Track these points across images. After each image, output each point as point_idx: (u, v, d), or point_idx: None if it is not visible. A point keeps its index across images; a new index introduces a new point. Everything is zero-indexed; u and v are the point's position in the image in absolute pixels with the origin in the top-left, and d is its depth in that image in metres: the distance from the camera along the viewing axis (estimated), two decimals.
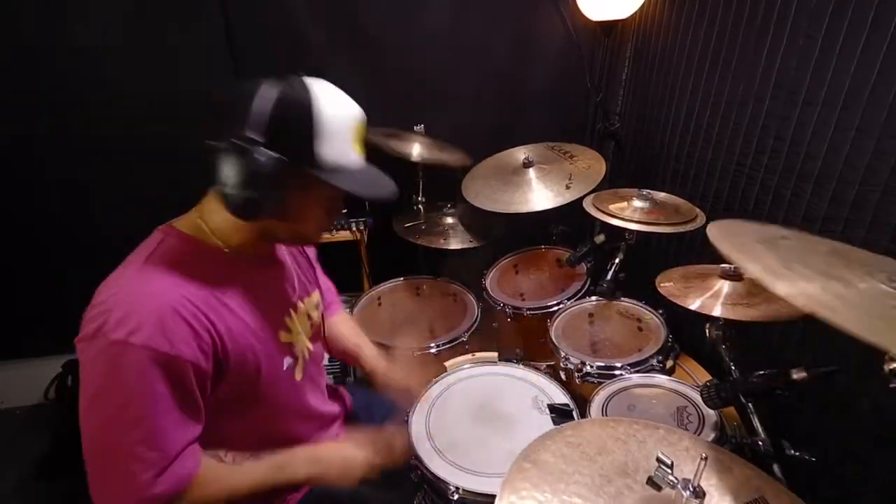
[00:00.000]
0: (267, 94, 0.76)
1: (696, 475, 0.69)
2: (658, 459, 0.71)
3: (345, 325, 1.28)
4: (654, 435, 0.85)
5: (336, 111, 0.80)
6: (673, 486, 0.69)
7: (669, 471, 0.70)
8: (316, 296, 1.09)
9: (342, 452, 0.97)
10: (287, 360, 0.94)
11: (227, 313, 0.82)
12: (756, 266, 0.66)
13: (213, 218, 0.86)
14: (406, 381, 1.21)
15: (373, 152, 0.92)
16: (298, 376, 0.98)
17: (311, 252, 1.16)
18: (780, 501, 0.75)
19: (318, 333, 1.09)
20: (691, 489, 0.69)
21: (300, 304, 1.01)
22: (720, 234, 0.78)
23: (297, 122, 0.77)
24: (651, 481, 0.71)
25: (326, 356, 1.20)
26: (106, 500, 0.74)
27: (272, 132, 0.75)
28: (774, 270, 0.65)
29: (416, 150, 1.84)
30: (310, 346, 1.03)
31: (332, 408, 1.14)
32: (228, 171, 0.76)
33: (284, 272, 1.00)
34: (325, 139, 0.79)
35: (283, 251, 1.03)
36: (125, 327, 0.71)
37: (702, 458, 0.69)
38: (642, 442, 0.83)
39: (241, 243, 0.88)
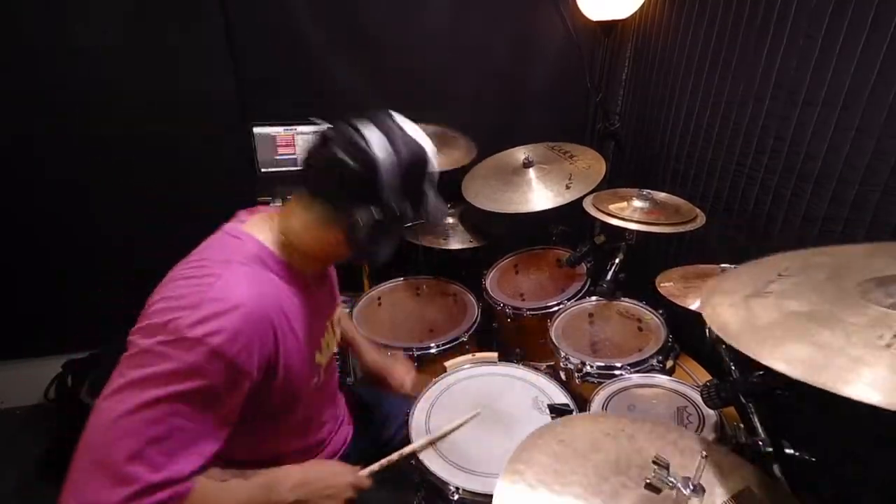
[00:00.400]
0: (390, 155, 0.81)
1: (696, 473, 0.69)
2: (654, 461, 0.71)
3: (343, 318, 1.29)
4: (642, 429, 0.85)
5: (433, 159, 0.88)
6: (672, 487, 0.69)
7: (667, 472, 0.70)
8: (339, 310, 1.12)
9: (328, 476, 0.91)
10: (315, 380, 0.96)
11: (289, 330, 0.83)
12: (789, 363, 0.59)
13: (296, 234, 0.87)
14: (396, 381, 1.25)
15: None
16: (317, 388, 0.99)
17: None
18: (766, 489, 0.75)
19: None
20: (691, 487, 0.69)
21: (328, 322, 1.03)
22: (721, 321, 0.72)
23: (419, 178, 0.86)
24: (650, 486, 0.70)
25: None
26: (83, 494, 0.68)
27: (401, 187, 0.82)
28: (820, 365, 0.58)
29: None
30: (328, 359, 1.04)
31: (340, 411, 1.16)
32: (367, 229, 0.82)
33: (328, 290, 1.03)
34: (427, 186, 0.88)
35: (327, 270, 1.05)
36: (204, 327, 0.70)
37: (702, 456, 0.69)
38: (632, 437, 0.83)
39: (313, 263, 0.91)
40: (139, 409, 0.67)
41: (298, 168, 1.97)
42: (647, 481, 0.70)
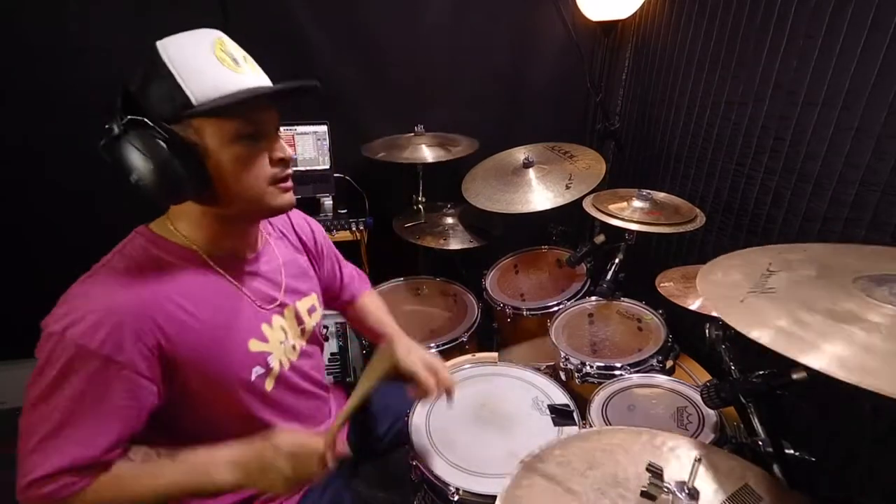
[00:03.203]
0: (128, 79, 0.74)
1: (690, 477, 0.70)
2: (648, 469, 0.71)
3: (371, 303, 1.26)
4: (637, 440, 0.86)
5: (184, 45, 0.74)
6: (668, 493, 0.69)
7: (660, 480, 0.70)
8: (311, 299, 1.03)
9: (263, 459, 0.79)
10: (256, 370, 0.87)
11: (182, 315, 0.78)
12: (776, 338, 0.62)
13: (177, 216, 0.84)
14: (419, 374, 1.03)
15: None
16: (269, 387, 0.91)
17: (326, 246, 1.13)
18: (764, 487, 0.76)
19: (315, 338, 1.05)
20: (686, 491, 0.69)
21: (288, 309, 0.96)
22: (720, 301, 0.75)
23: (157, 79, 0.72)
24: (645, 494, 0.70)
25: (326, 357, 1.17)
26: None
27: (143, 102, 0.73)
28: (792, 336, 0.62)
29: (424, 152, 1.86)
30: (291, 357, 0.96)
31: (329, 408, 1.11)
32: (128, 161, 0.73)
33: (270, 274, 0.95)
34: (189, 78, 0.72)
35: (274, 252, 0.98)
36: (64, 321, 0.71)
37: (696, 460, 0.70)
38: (628, 449, 0.84)
39: (211, 239, 0.84)
40: (32, 407, 0.74)
41: (297, 168, 1.99)
42: (643, 489, 0.70)
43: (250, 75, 0.78)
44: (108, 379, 0.72)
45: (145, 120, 0.73)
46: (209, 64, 0.74)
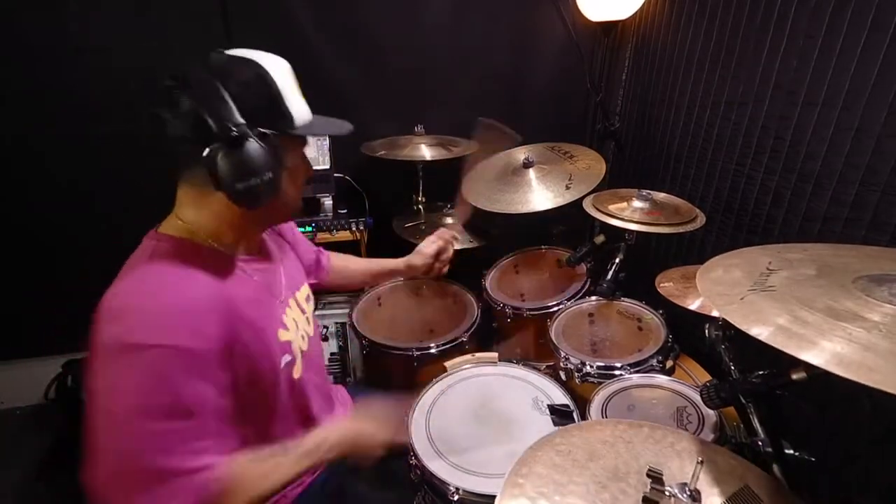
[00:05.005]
0: (222, 79, 0.76)
1: (692, 479, 0.69)
2: (649, 474, 0.71)
3: (349, 260, 1.39)
4: (639, 434, 0.85)
5: (279, 68, 0.82)
6: (670, 496, 0.69)
7: (661, 485, 0.70)
8: (305, 289, 1.09)
9: (360, 435, 0.96)
10: (286, 358, 0.92)
11: (232, 311, 0.80)
12: (775, 335, 0.62)
13: (195, 218, 0.84)
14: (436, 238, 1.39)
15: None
16: (297, 374, 0.96)
17: (290, 233, 1.16)
18: (764, 488, 0.76)
19: (315, 327, 1.09)
20: (688, 493, 0.69)
21: (292, 300, 1.01)
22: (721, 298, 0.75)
23: (265, 92, 0.79)
24: (647, 500, 0.70)
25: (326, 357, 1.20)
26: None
27: (250, 111, 0.76)
28: (792, 333, 0.62)
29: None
30: (303, 346, 1.00)
31: (336, 410, 1.14)
32: (226, 165, 0.74)
33: (276, 267, 0.99)
34: (287, 98, 0.81)
35: (272, 248, 1.02)
36: (142, 330, 0.70)
37: (698, 462, 0.69)
38: (629, 443, 0.84)
39: (234, 238, 0.87)
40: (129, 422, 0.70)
41: None
42: (644, 495, 0.70)
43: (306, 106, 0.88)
44: (205, 370, 0.74)
45: (262, 129, 0.78)
46: (294, 89, 0.84)
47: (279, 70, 0.81)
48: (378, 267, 1.45)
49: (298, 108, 0.84)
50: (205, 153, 0.74)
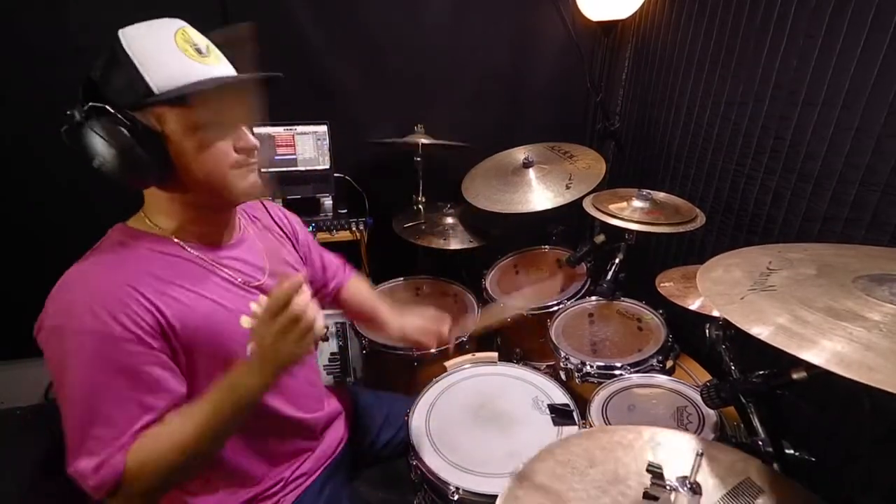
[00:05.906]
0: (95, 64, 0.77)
1: (692, 472, 0.69)
2: (648, 469, 0.71)
3: (363, 289, 1.27)
4: (638, 438, 0.86)
5: (144, 34, 0.78)
6: (670, 490, 0.69)
7: (661, 480, 0.70)
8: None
9: (265, 342, 0.75)
10: (251, 346, 0.85)
11: (173, 292, 0.80)
12: (776, 335, 0.62)
13: (152, 210, 0.86)
14: (426, 327, 1.18)
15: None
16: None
17: (304, 234, 1.14)
18: (765, 480, 0.76)
19: None
20: (688, 486, 0.69)
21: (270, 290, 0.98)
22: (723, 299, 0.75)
23: (116, 67, 0.76)
24: (647, 495, 0.70)
25: (318, 354, 1.15)
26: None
27: (101, 90, 0.76)
28: (792, 333, 0.62)
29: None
30: None
31: (327, 405, 1.10)
32: (91, 147, 0.76)
33: (251, 259, 0.96)
34: (149, 66, 0.75)
35: (255, 241, 0.99)
36: (61, 315, 0.73)
37: (698, 454, 0.70)
38: (628, 447, 0.84)
39: (182, 226, 0.86)
40: (66, 398, 0.74)
41: (297, 168, 1.99)
42: (645, 490, 0.70)
43: (214, 65, 0.81)
44: (121, 352, 0.73)
45: (106, 107, 0.75)
46: (170, 53, 0.77)
47: (143, 36, 0.77)
48: (370, 310, 1.26)
49: (169, 71, 0.75)
50: (71, 138, 0.77)
